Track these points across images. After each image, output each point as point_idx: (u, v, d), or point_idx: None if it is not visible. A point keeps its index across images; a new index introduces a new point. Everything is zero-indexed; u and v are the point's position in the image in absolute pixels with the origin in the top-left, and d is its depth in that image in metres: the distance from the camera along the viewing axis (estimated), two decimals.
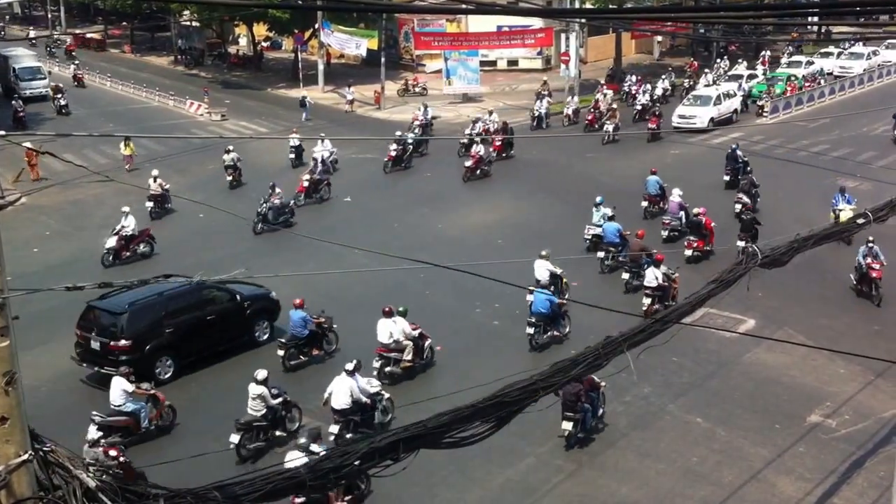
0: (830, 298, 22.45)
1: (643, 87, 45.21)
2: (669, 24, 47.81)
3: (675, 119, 40.17)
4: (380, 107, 48.00)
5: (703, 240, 24.51)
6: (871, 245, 21.81)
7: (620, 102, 45.06)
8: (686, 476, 15.20)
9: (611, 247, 24.15)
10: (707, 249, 24.32)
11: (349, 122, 44.90)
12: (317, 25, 51.98)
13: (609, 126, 38.81)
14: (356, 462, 6.02)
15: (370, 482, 13.89)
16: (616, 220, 24.55)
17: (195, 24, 64.00)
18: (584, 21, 45.47)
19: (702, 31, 55.33)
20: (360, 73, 54.71)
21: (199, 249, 26.27)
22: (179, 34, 66.30)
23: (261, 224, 27.65)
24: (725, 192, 30.01)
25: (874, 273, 21.81)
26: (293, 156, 35.71)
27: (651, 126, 38.98)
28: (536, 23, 50.19)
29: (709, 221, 24.77)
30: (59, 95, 47.14)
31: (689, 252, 24.22)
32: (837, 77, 51.35)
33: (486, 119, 39.30)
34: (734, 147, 31.88)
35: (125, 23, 76.72)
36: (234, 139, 36.05)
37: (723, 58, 55.85)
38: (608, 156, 36.86)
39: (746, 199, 27.11)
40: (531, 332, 19.52)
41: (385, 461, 6.15)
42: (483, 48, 51.33)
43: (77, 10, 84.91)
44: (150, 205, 29.90)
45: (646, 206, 28.30)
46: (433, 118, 41.94)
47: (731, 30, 50.67)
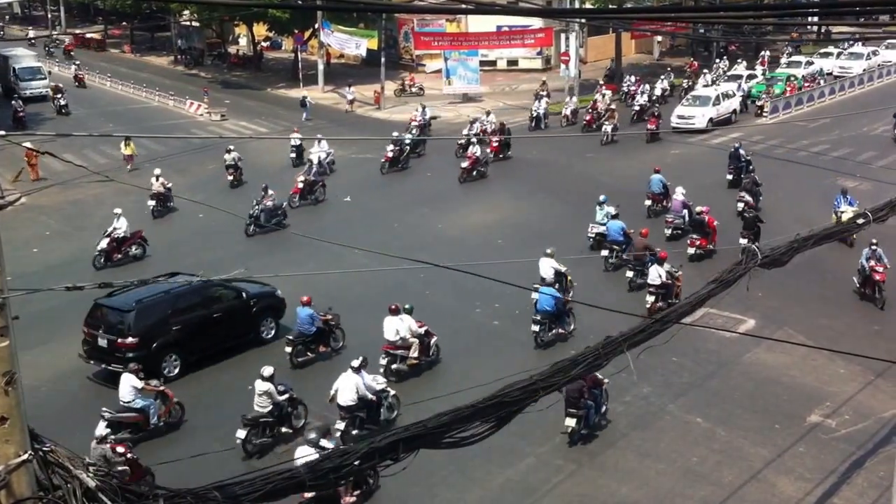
0: (830, 298, 22.43)
1: (642, 88, 45.21)
2: (669, 24, 47.78)
3: (674, 119, 40.16)
4: (380, 107, 48.00)
5: (706, 238, 24.55)
6: (875, 248, 21.63)
7: (619, 103, 44.98)
8: (686, 476, 15.20)
9: (614, 245, 24.17)
10: (710, 248, 24.35)
11: (349, 122, 44.91)
12: (317, 25, 51.98)
13: (607, 126, 38.71)
14: (356, 462, 6.02)
15: (378, 477, 13.96)
16: (619, 219, 24.58)
17: (195, 24, 64.04)
18: (584, 21, 45.45)
19: (702, 31, 55.28)
20: (360, 73, 54.70)
21: (200, 249, 26.25)
22: (179, 34, 66.31)
23: (253, 226, 27.50)
24: (728, 191, 30.03)
25: (878, 276, 21.59)
26: (294, 155, 35.71)
27: (650, 127, 38.94)
28: (536, 23, 50.13)
29: (711, 220, 24.82)
30: (59, 95, 47.18)
31: (692, 250, 24.26)
32: (837, 77, 51.31)
33: (484, 120, 39.14)
34: (737, 146, 31.88)
35: (125, 23, 76.75)
36: (234, 139, 36.03)
37: (722, 58, 55.83)
38: (608, 156, 36.84)
39: (749, 198, 27.11)
40: (536, 330, 19.62)
41: (385, 461, 6.14)
42: (483, 48, 51.29)
43: (77, 10, 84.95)
44: (153, 203, 29.91)
45: (649, 205, 28.33)
46: (432, 118, 41.86)
47: (731, 30, 50.63)
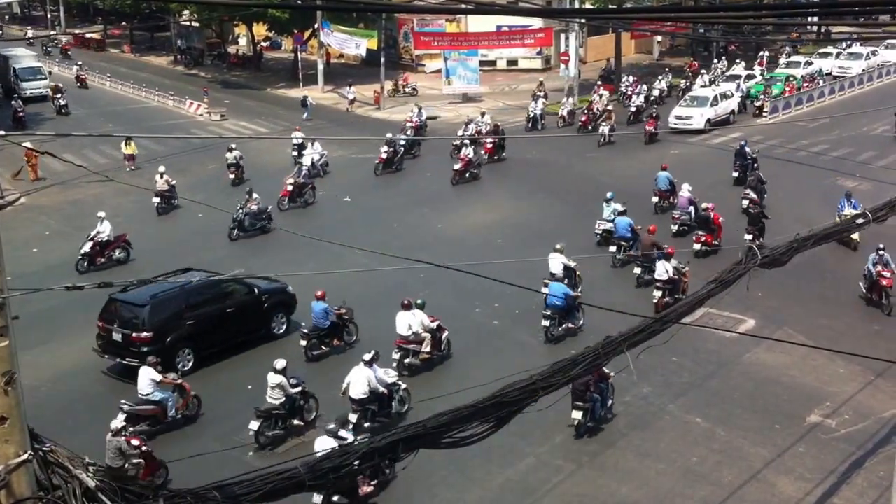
0: (830, 299, 22.42)
1: (639, 88, 45.15)
2: (669, 24, 47.74)
3: (672, 120, 40.15)
4: (379, 107, 48.01)
5: (712, 234, 24.69)
6: (882, 252, 21.26)
7: (617, 103, 44.92)
8: (686, 476, 15.19)
9: (622, 241, 24.25)
10: (715, 244, 24.43)
11: (349, 122, 44.91)
12: (316, 25, 51.97)
13: (604, 127, 38.56)
14: (356, 462, 6.02)
15: (395, 468, 14.09)
16: (627, 215, 24.65)
17: (195, 24, 64.02)
18: (584, 21, 45.45)
19: (702, 31, 55.26)
20: (360, 73, 54.69)
21: (200, 249, 26.17)
22: (179, 34, 66.31)
23: (237, 230, 27.30)
24: (734, 189, 30.06)
25: (884, 281, 21.18)
26: (296, 153, 35.65)
27: (648, 127, 38.90)
28: (536, 23, 50.13)
29: (717, 216, 24.93)
30: (59, 95, 47.17)
31: (698, 246, 24.41)
32: (836, 77, 51.30)
33: (479, 121, 38.85)
34: (743, 144, 32.04)
35: (125, 23, 76.76)
36: (234, 139, 36.01)
37: (721, 58, 55.80)
38: (607, 156, 36.82)
39: (753, 195, 27.20)
40: (546, 325, 19.75)
41: (385, 461, 6.15)
42: (483, 48, 51.29)
43: (77, 10, 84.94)
44: (157, 201, 29.96)
45: (656, 202, 28.45)
46: (429, 118, 41.79)
47: (731, 30, 50.63)
